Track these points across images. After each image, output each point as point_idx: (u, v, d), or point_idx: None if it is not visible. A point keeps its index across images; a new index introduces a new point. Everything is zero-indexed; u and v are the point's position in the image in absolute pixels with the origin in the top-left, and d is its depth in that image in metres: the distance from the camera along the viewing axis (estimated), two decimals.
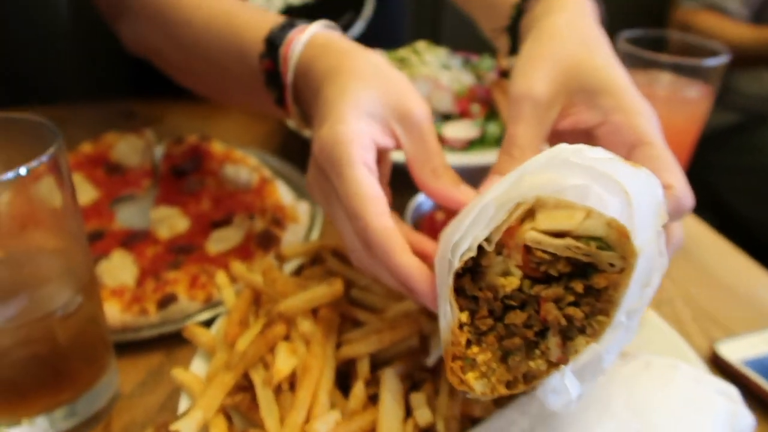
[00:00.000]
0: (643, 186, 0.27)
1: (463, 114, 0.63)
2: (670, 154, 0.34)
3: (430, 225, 0.50)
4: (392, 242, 0.32)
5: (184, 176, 0.60)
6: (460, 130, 0.61)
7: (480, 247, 0.27)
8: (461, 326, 0.28)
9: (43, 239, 0.36)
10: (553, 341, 0.27)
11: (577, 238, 0.26)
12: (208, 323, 0.42)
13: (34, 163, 0.31)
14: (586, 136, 0.37)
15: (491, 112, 0.64)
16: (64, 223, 0.35)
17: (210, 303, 0.45)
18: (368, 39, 0.91)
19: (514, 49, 0.47)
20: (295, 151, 0.64)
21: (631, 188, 0.26)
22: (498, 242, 0.27)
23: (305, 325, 0.36)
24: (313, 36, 0.43)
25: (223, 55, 0.49)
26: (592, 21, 0.43)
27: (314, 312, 0.37)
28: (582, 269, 0.27)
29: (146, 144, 0.63)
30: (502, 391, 0.28)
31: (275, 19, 0.44)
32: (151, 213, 0.55)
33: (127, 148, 0.62)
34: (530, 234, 0.27)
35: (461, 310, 0.28)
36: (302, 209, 0.56)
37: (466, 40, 1.58)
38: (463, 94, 0.65)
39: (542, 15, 0.44)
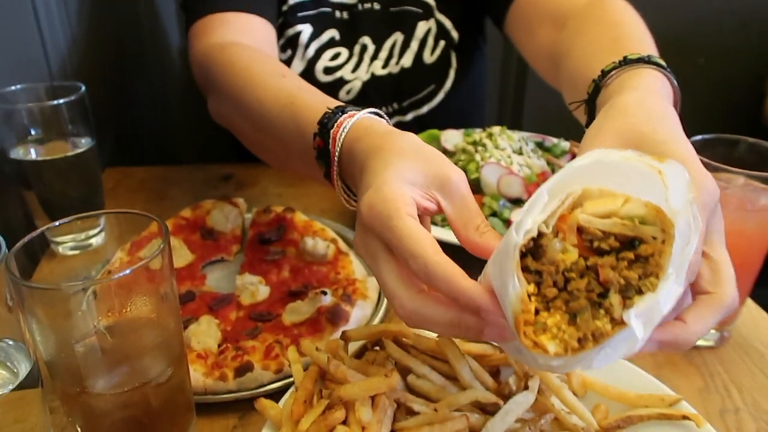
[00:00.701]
0: (672, 170, 0.32)
1: None
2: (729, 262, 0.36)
3: None
4: (454, 270, 0.35)
5: (268, 244, 0.66)
6: None
7: (538, 233, 0.31)
8: (529, 296, 0.31)
9: (144, 313, 0.41)
10: (615, 299, 0.31)
11: (621, 218, 0.31)
12: (280, 391, 0.47)
13: (149, 258, 0.36)
14: None
15: None
16: (163, 302, 0.40)
17: (282, 373, 0.50)
18: (448, 111, 0.95)
19: (590, 124, 0.50)
20: None
21: (664, 169, 0.32)
22: (553, 227, 0.32)
23: (362, 412, 0.39)
24: (360, 120, 0.48)
25: (284, 132, 0.56)
26: (661, 99, 0.45)
27: (372, 397, 0.41)
28: (629, 244, 0.31)
29: (238, 212, 0.71)
30: (574, 346, 0.31)
31: (330, 104, 0.51)
32: (237, 279, 0.61)
33: (221, 215, 0.69)
34: (582, 216, 0.32)
35: (528, 283, 0.31)
36: (372, 284, 0.60)
37: (546, 122, 1.61)
38: (534, 179, 0.67)
39: (615, 92, 0.47)
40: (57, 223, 0.43)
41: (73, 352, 0.39)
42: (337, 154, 0.48)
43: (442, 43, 0.91)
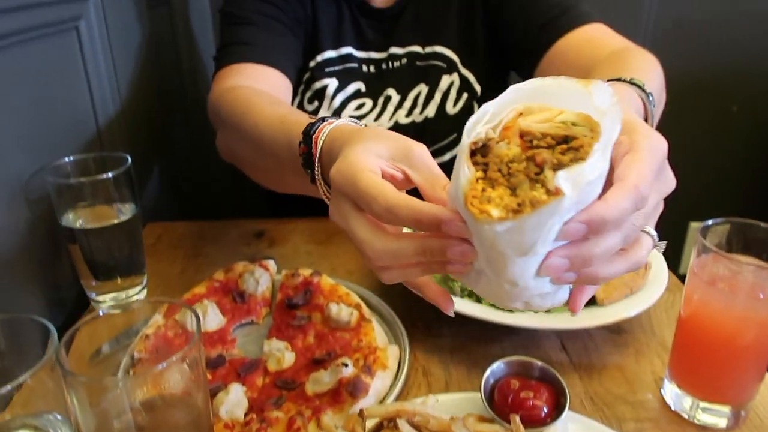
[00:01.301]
0: (598, 86, 0.38)
1: None
2: (649, 151, 0.40)
3: (505, 391, 0.54)
4: (414, 201, 0.40)
5: (295, 309, 0.70)
6: None
7: (487, 138, 0.37)
8: (477, 180, 0.36)
9: (176, 391, 0.45)
10: (549, 174, 0.35)
11: (556, 123, 0.37)
12: None
13: (182, 354, 0.40)
14: None
15: None
16: (194, 382, 0.44)
17: None
18: None
19: None
20: (395, 293, 0.71)
21: (591, 86, 0.38)
22: (499, 133, 0.38)
23: None
24: (338, 125, 0.53)
25: (277, 147, 0.62)
26: (625, 104, 0.50)
27: None
28: (563, 142, 0.37)
29: (268, 275, 0.74)
30: (514, 208, 0.35)
31: (314, 118, 0.56)
32: (265, 344, 0.64)
33: (252, 279, 0.73)
34: (523, 122, 0.38)
35: (476, 171, 0.36)
36: (392, 353, 0.62)
37: None
38: None
39: None
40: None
41: (112, 427, 0.43)
42: (318, 154, 0.53)
43: (465, 95, 0.95)
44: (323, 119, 0.55)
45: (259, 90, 0.75)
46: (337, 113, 0.92)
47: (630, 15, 1.42)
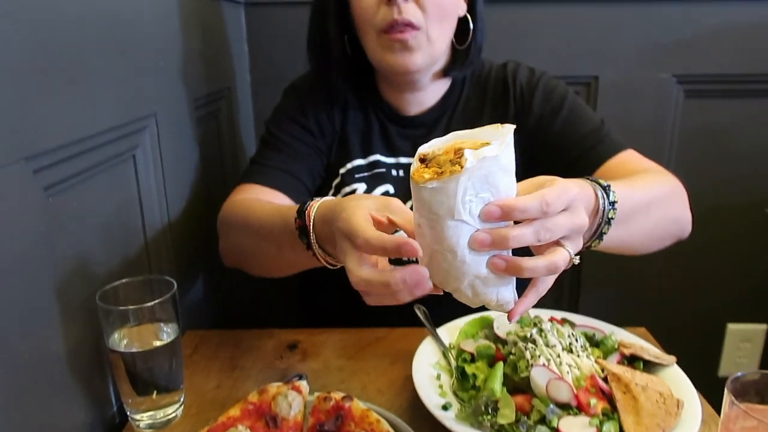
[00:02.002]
0: (508, 126, 0.53)
1: (581, 407, 0.67)
2: (563, 188, 0.56)
3: None
4: (383, 235, 0.55)
5: None
6: (575, 428, 0.65)
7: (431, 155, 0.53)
8: (419, 168, 0.52)
9: None
10: (463, 159, 0.49)
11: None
12: None
13: None
14: None
15: (610, 407, 0.68)
16: None
17: None
18: None
19: None
20: (422, 416, 0.72)
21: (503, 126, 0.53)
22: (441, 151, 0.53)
23: None
24: (325, 199, 0.68)
25: (276, 230, 0.75)
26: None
27: None
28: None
29: (301, 398, 0.76)
30: (439, 171, 0.50)
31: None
32: None
33: (285, 402, 0.74)
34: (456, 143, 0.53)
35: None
36: None
37: (601, 306, 1.62)
38: (582, 383, 0.69)
39: None
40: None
41: None
42: (311, 224, 0.67)
43: None
44: (312, 198, 0.70)
45: (262, 199, 0.90)
46: None
47: (656, 121, 1.46)
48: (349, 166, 1.00)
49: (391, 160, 1.01)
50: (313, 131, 0.99)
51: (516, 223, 0.53)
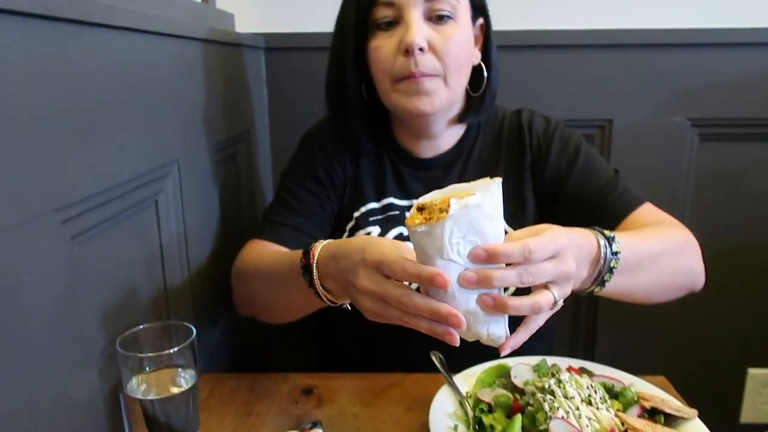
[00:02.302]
0: (497, 180, 0.59)
1: None
2: (551, 237, 0.61)
3: None
4: (420, 264, 0.59)
5: None
6: None
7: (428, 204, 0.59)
8: (415, 214, 0.58)
9: None
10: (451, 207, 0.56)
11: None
12: None
13: None
14: None
15: None
16: None
17: None
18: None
19: None
20: None
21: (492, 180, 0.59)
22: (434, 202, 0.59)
23: None
24: (329, 241, 0.73)
25: (283, 273, 0.81)
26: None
27: None
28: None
29: None
30: (429, 217, 0.57)
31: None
32: None
33: None
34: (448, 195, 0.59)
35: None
36: None
37: (618, 355, 1.60)
38: None
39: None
40: None
41: None
42: (315, 261, 0.72)
43: None
44: (317, 240, 0.75)
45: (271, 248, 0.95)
46: None
47: (671, 165, 1.46)
48: (363, 209, 1.01)
49: (404, 203, 1.01)
50: (324, 183, 1.01)
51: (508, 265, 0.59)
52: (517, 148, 1.01)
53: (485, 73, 0.98)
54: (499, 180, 0.58)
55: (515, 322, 0.63)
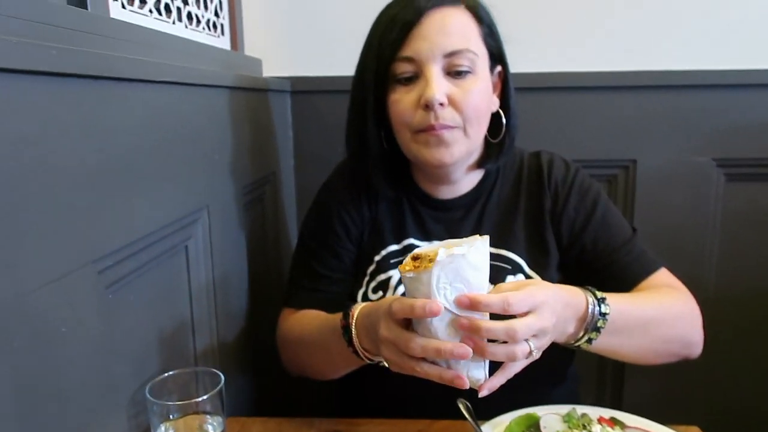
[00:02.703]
0: (484, 238, 0.66)
1: None
2: (529, 292, 0.68)
3: None
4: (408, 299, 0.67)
5: None
6: None
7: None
8: (408, 262, 0.65)
9: None
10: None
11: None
12: None
13: None
14: None
15: None
16: None
17: None
18: (539, 366, 0.95)
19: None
20: None
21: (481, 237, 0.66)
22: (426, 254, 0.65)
23: None
24: (367, 303, 0.80)
25: (324, 336, 0.87)
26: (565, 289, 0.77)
27: None
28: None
29: None
30: (417, 266, 0.64)
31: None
32: None
33: None
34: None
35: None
36: None
37: (646, 402, 1.56)
38: None
39: None
40: None
41: None
42: (354, 322, 0.78)
43: None
44: (356, 303, 0.81)
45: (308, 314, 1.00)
46: None
47: (696, 205, 1.45)
48: (383, 252, 1.01)
49: (425, 244, 1.01)
50: (341, 235, 1.02)
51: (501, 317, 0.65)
52: (537, 191, 1.00)
53: (504, 120, 0.98)
54: (486, 238, 0.65)
55: (495, 366, 0.69)
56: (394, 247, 1.01)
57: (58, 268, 0.53)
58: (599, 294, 0.78)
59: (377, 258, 1.01)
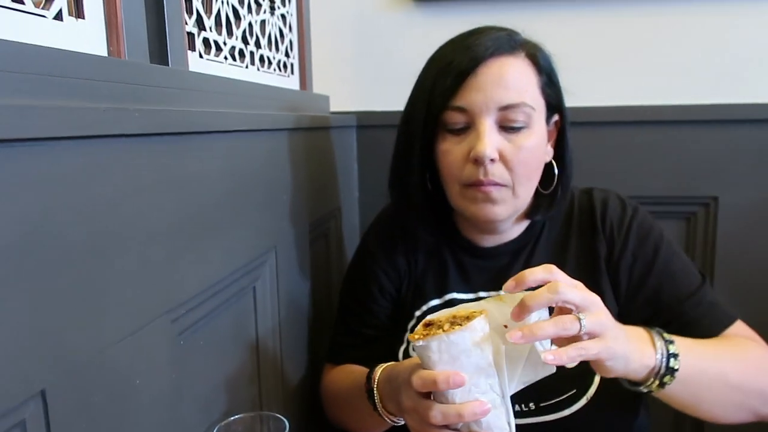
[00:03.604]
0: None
1: None
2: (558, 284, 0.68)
3: None
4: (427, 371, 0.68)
5: None
6: None
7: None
8: (421, 330, 0.67)
9: None
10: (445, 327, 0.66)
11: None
12: None
13: None
14: None
15: None
16: None
17: None
18: (591, 416, 0.90)
19: None
20: None
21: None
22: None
23: None
24: (388, 365, 0.82)
25: (353, 397, 0.88)
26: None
27: None
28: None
29: None
30: (426, 335, 0.66)
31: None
32: None
33: None
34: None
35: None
36: None
37: None
38: None
39: None
40: None
41: None
42: (376, 385, 0.81)
43: None
44: (380, 366, 0.83)
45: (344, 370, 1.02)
46: None
47: None
48: (424, 308, 0.97)
49: (469, 296, 0.96)
50: (375, 294, 1.01)
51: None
52: (590, 234, 0.94)
53: (556, 171, 0.92)
54: (482, 317, 0.66)
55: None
56: (435, 302, 0.97)
57: (136, 322, 0.55)
58: (666, 335, 0.78)
59: (418, 313, 0.98)
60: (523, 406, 0.91)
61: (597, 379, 0.90)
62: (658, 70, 1.38)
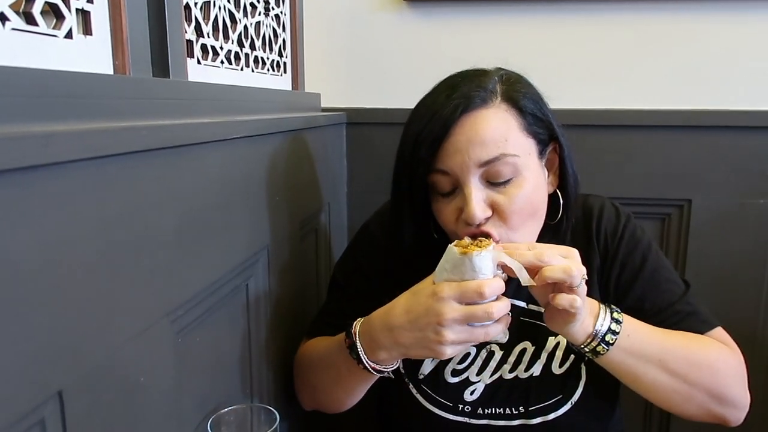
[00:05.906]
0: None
1: None
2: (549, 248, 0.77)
3: None
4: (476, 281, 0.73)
5: None
6: None
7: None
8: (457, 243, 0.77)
9: None
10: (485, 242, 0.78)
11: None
12: None
13: None
14: None
15: None
16: None
17: None
18: (574, 421, 0.95)
19: None
20: None
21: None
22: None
23: None
24: (366, 317, 0.85)
25: (333, 355, 0.90)
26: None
27: None
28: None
29: None
30: (469, 245, 0.76)
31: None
32: None
33: None
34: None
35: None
36: None
37: None
38: None
39: None
40: None
41: None
42: (357, 338, 0.83)
43: (571, 357, 0.94)
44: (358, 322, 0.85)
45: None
46: (441, 367, 0.97)
47: (757, 249, 1.42)
48: None
49: None
50: (372, 279, 1.02)
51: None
52: (584, 242, 0.95)
53: (561, 201, 0.90)
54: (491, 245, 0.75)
55: None
56: None
57: (141, 324, 0.59)
58: (616, 314, 0.83)
59: None
60: (513, 409, 0.95)
61: (582, 385, 0.94)
62: (638, 76, 1.43)
